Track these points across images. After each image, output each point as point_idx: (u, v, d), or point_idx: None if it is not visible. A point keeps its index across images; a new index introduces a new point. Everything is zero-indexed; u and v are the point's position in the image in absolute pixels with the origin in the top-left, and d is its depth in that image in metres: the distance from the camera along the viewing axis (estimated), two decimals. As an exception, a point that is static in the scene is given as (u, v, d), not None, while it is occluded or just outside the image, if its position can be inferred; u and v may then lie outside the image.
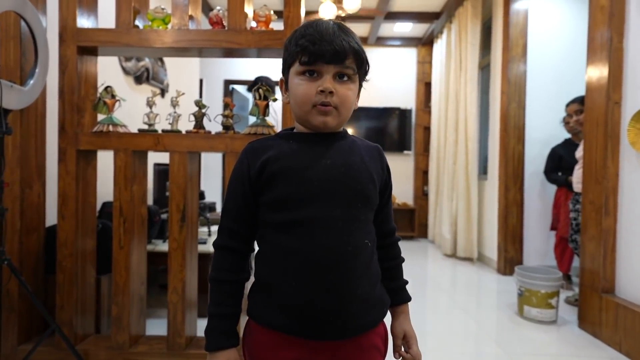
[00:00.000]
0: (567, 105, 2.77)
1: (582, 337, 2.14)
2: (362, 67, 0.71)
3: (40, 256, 1.86)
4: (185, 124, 1.92)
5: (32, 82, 1.65)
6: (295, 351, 0.67)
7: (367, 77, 0.75)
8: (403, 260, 0.84)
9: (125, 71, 2.68)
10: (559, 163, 3.00)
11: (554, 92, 3.28)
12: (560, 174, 3.00)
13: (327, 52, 0.65)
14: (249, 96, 5.11)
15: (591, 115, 2.22)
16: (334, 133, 0.73)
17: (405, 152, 5.29)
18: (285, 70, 0.73)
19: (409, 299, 0.82)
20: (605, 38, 2.11)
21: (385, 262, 0.78)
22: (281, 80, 0.76)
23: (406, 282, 0.83)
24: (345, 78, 0.69)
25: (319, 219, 0.66)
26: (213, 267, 0.73)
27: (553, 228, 3.14)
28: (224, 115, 1.77)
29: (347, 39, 0.67)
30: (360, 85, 0.75)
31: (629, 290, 1.98)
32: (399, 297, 0.80)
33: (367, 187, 0.71)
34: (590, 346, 2.04)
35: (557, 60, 3.37)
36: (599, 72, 2.16)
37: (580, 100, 2.66)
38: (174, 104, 1.82)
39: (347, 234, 0.67)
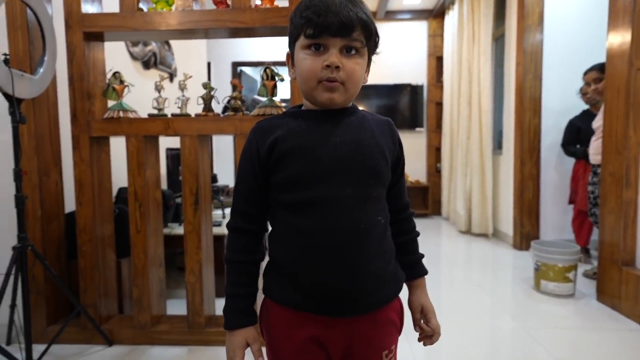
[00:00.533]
0: (585, 73, 2.66)
1: (601, 310, 2.12)
2: (370, 39, 0.67)
3: (62, 242, 1.92)
4: (194, 108, 1.92)
5: (42, 70, 1.66)
6: (311, 328, 0.67)
7: (377, 51, 0.72)
8: (418, 234, 0.82)
9: (133, 56, 2.67)
10: (577, 135, 2.91)
11: (572, 61, 3.15)
12: (578, 146, 2.91)
13: (333, 24, 0.62)
14: (258, 77, 5.09)
15: (612, 83, 2.14)
16: (342, 109, 0.71)
17: (417, 129, 5.21)
18: (291, 44, 0.70)
19: (425, 272, 0.81)
20: (628, 0, 2.00)
21: (400, 237, 0.77)
22: (287, 54, 0.73)
23: (422, 256, 0.82)
24: (353, 52, 0.65)
25: (330, 198, 0.65)
26: (227, 248, 0.73)
27: (571, 202, 3.08)
28: (232, 97, 1.76)
29: (354, 9, 0.63)
30: (370, 59, 0.71)
31: (650, 262, 1.94)
32: (415, 271, 0.80)
33: (378, 164, 0.69)
34: (609, 319, 2.02)
35: (575, 27, 3.22)
36: (621, 37, 2.06)
37: (599, 68, 2.55)
38: (182, 87, 1.81)
39: (359, 212, 0.66)
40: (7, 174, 1.70)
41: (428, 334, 0.78)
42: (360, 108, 0.76)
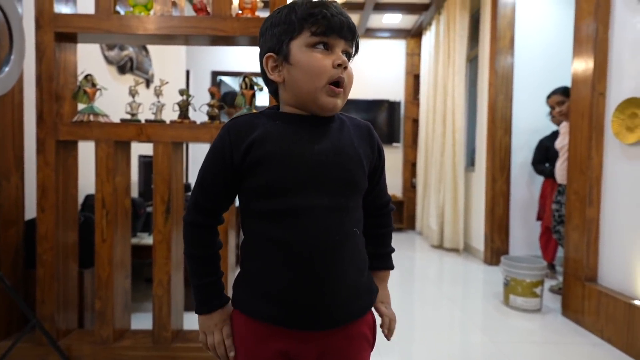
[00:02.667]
0: (549, 97, 2.79)
1: (566, 325, 2.18)
2: (357, 49, 0.69)
3: (20, 250, 1.82)
4: (170, 114, 1.87)
5: (7, 69, 1.58)
6: (282, 342, 0.65)
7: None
8: (393, 229, 0.82)
9: (108, 60, 2.61)
10: (546, 154, 3.03)
11: (541, 83, 3.30)
12: (547, 165, 3.03)
13: (343, 24, 0.62)
14: (237, 87, 5.07)
15: (577, 107, 2.24)
16: (323, 116, 0.68)
17: (394, 144, 5.29)
18: (283, 44, 0.64)
19: (391, 267, 0.81)
20: (591, 29, 2.12)
21: (376, 229, 0.77)
22: (268, 57, 0.66)
23: (392, 250, 0.82)
24: (350, 57, 0.67)
25: (305, 208, 0.63)
26: (186, 242, 0.70)
27: (539, 218, 3.18)
28: (209, 105, 1.73)
29: (349, 18, 0.65)
30: None
31: (611, 278, 2.01)
32: (382, 262, 0.79)
33: (356, 174, 0.67)
34: (573, 333, 2.07)
35: (544, 51, 3.39)
36: (585, 63, 2.17)
37: (561, 92, 2.68)
38: (158, 93, 1.78)
39: (335, 223, 0.64)
40: (-38, 176, 1.61)
41: (385, 322, 0.78)
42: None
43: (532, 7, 3.41)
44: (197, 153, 4.81)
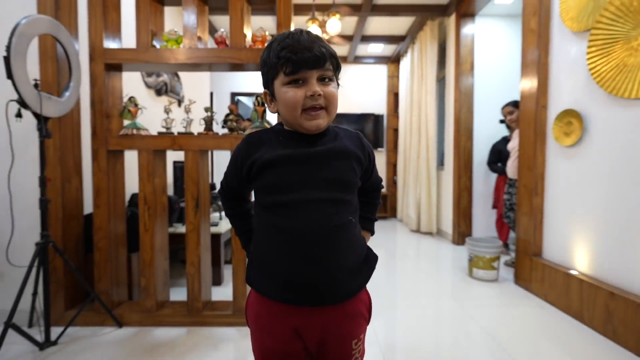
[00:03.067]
0: (502, 107, 2.80)
1: (517, 291, 2.19)
2: (338, 69, 0.65)
3: (80, 238, 1.83)
4: (197, 128, 1.89)
5: (67, 94, 1.60)
6: (294, 319, 0.63)
7: (339, 81, 0.68)
8: (380, 203, 0.81)
9: (147, 85, 2.61)
10: (498, 156, 3.03)
11: (496, 99, 3.30)
12: (499, 164, 3.03)
13: (308, 59, 0.59)
14: (251, 105, 5.05)
15: (524, 117, 2.24)
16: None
17: (379, 149, 5.30)
18: (269, 82, 0.64)
19: (372, 230, 0.79)
20: (534, 55, 2.12)
21: (365, 199, 0.76)
22: (265, 92, 0.68)
23: (375, 218, 0.80)
24: (327, 80, 0.62)
25: (301, 202, 0.61)
26: (223, 207, 0.79)
27: (494, 207, 3.19)
28: (229, 120, 1.74)
29: (322, 45, 0.61)
30: (338, 84, 0.67)
31: (553, 254, 2.03)
32: (366, 224, 0.77)
33: (347, 174, 0.65)
34: (524, 297, 2.08)
35: (497, 73, 3.39)
36: (530, 83, 2.17)
37: (512, 104, 2.69)
38: (187, 110, 1.78)
39: (329, 213, 0.61)
40: (33, 180, 1.62)
41: None
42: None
43: (488, 37, 3.41)
44: (220, 159, 4.82)
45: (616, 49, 1.59)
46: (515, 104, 2.65)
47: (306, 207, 0.61)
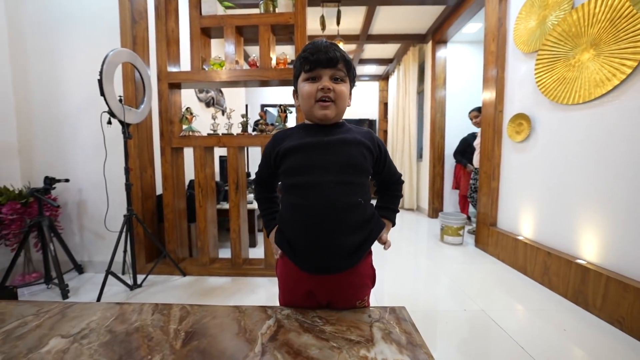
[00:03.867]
0: (470, 112, 2.74)
1: (478, 252, 2.18)
2: (350, 71, 0.60)
3: (154, 212, 1.89)
4: (236, 130, 1.92)
5: (142, 106, 1.65)
6: (308, 283, 0.59)
7: (355, 84, 0.64)
8: (401, 195, 0.71)
9: (199, 99, 2.64)
10: (465, 146, 2.95)
11: (464, 106, 3.24)
12: (461, 156, 2.96)
13: (323, 59, 0.57)
14: (275, 113, 5.04)
15: (485, 120, 2.21)
16: (334, 124, 0.62)
17: (372, 147, 5.25)
18: (295, 81, 0.63)
19: (393, 221, 0.69)
20: (493, 72, 2.07)
21: (387, 192, 0.69)
22: (293, 91, 0.66)
23: (396, 210, 0.70)
24: (339, 80, 0.59)
25: (314, 182, 0.56)
26: (254, 192, 0.71)
27: (455, 188, 3.16)
28: (259, 123, 1.77)
29: (337, 50, 0.58)
30: (351, 87, 0.62)
31: (505, 223, 2.02)
32: (387, 214, 0.68)
33: (356, 157, 0.59)
34: (482, 257, 2.08)
35: (465, 86, 3.31)
36: (490, 93, 2.13)
37: (477, 109, 2.63)
38: (228, 117, 1.81)
39: (338, 194, 0.56)
40: (121, 170, 1.69)
41: (382, 243, 0.68)
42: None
43: (457, 59, 3.31)
44: (253, 153, 4.87)
45: (558, 65, 1.55)
46: (479, 109, 2.60)
47: (319, 187, 0.56)
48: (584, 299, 1.36)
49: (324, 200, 0.55)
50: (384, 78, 5.08)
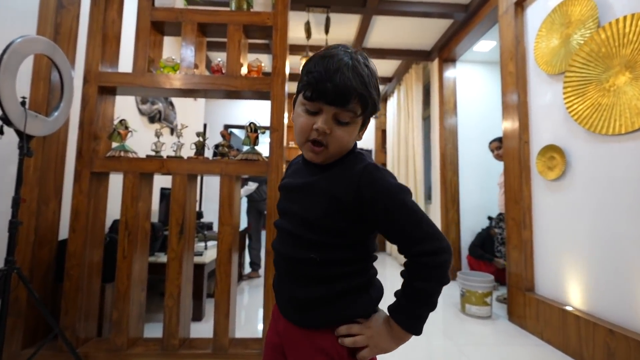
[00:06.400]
0: (490, 142, 2.86)
1: (512, 329, 2.08)
2: (366, 110, 0.56)
3: (51, 266, 1.67)
4: (188, 152, 1.83)
5: (56, 114, 1.54)
6: (278, 323, 0.66)
7: (376, 115, 0.65)
8: (413, 285, 0.56)
9: (141, 112, 2.59)
10: (486, 239, 3.04)
11: (479, 135, 3.42)
12: (479, 249, 3.04)
13: (329, 92, 0.52)
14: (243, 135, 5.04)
15: (508, 153, 2.29)
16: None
17: (367, 183, 5.31)
18: (297, 93, 0.60)
19: (402, 323, 0.58)
20: (514, 96, 2.22)
21: (405, 270, 0.59)
22: (294, 96, 0.62)
23: (401, 301, 0.58)
24: (344, 122, 0.55)
25: (282, 228, 0.65)
26: None
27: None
28: (220, 145, 1.70)
29: (354, 79, 0.52)
30: (365, 123, 0.60)
31: (546, 288, 1.96)
32: (393, 309, 0.59)
33: (311, 212, 0.58)
34: (519, 336, 1.98)
35: (480, 112, 3.54)
36: (512, 121, 2.25)
37: (498, 139, 2.76)
38: (179, 134, 1.74)
39: (294, 246, 0.61)
40: (6, 200, 1.50)
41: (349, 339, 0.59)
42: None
43: (470, 79, 3.60)
44: (209, 189, 4.70)
45: (590, 89, 1.68)
46: (500, 140, 2.73)
47: (283, 235, 0.64)
48: (667, 399, 1.25)
49: (283, 249, 0.63)
50: (382, 99, 5.38)
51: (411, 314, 0.56)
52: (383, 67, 4.40)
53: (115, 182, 1.90)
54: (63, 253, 1.65)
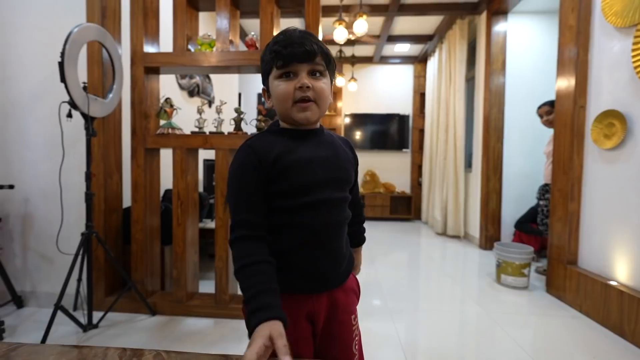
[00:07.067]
0: (539, 107, 2.66)
1: (549, 300, 2.09)
2: (330, 65, 0.66)
3: (120, 230, 1.94)
4: (227, 127, 1.95)
5: (111, 95, 1.71)
6: (307, 306, 0.65)
7: (335, 76, 0.71)
8: (363, 219, 0.85)
9: (181, 87, 2.73)
10: (533, 215, 2.89)
11: (528, 99, 3.17)
12: (526, 224, 2.91)
13: (298, 53, 0.61)
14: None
15: (560, 118, 2.14)
16: (314, 130, 0.68)
17: (404, 150, 5.22)
18: (265, 79, 0.67)
19: (362, 241, 0.87)
20: (572, 53, 2.02)
21: (353, 221, 0.75)
22: (263, 90, 0.70)
23: (363, 230, 0.86)
24: (318, 74, 0.63)
25: (324, 200, 0.64)
26: (235, 260, 0.59)
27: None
28: (257, 119, 1.79)
29: (314, 41, 0.63)
30: (332, 83, 0.69)
31: (589, 262, 1.91)
32: (357, 241, 0.84)
33: (350, 175, 0.71)
34: (556, 307, 1.99)
35: (530, 72, 3.24)
36: (567, 82, 2.07)
37: (549, 104, 2.56)
38: (218, 111, 1.85)
39: (342, 210, 0.68)
40: (79, 176, 1.74)
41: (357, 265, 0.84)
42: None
43: (521, 35, 3.27)
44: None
45: (666, 45, 1.49)
46: (552, 104, 2.53)
47: (327, 205, 0.65)
48: None
49: (333, 217, 0.66)
50: (421, 60, 5.09)
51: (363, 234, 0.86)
52: (423, 24, 4.11)
53: (165, 156, 2.10)
54: (127, 219, 1.92)
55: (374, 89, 5.20)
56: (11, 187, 1.75)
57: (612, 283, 1.71)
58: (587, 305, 1.86)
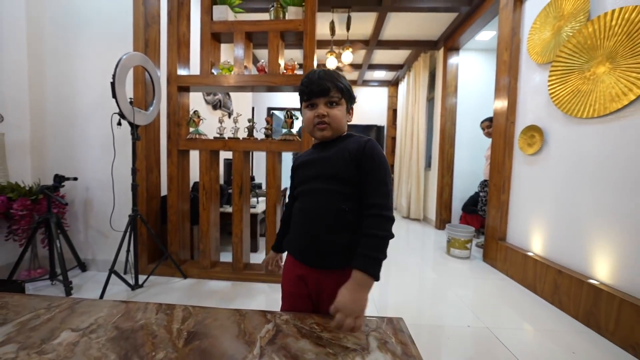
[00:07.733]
0: (481, 122, 2.74)
1: (485, 267, 2.17)
2: (344, 94, 0.69)
3: (158, 213, 1.96)
4: (242, 134, 1.97)
5: (151, 108, 1.73)
6: (299, 270, 0.69)
7: (355, 101, 0.72)
8: (374, 234, 0.60)
9: (207, 102, 2.73)
10: (475, 203, 2.96)
11: (474, 114, 3.25)
12: (472, 207, 2.96)
13: (316, 90, 0.67)
14: (282, 117, 5.10)
15: (496, 130, 2.22)
16: (334, 140, 0.71)
17: (380, 153, 5.27)
18: (301, 107, 0.74)
19: (361, 267, 0.58)
20: (506, 81, 2.09)
21: (362, 231, 0.61)
22: (301, 110, 0.77)
23: (363, 252, 0.59)
24: (334, 104, 0.68)
25: (311, 189, 0.68)
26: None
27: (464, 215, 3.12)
28: (265, 128, 1.83)
29: (329, 79, 0.67)
30: (349, 106, 0.71)
31: (514, 238, 2.01)
32: (355, 260, 0.60)
33: (339, 170, 0.65)
34: (490, 272, 2.07)
35: (476, 95, 3.32)
36: (502, 103, 2.14)
37: (489, 119, 2.64)
38: (235, 121, 1.88)
39: (328, 200, 0.64)
40: (128, 170, 1.76)
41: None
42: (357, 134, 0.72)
43: (469, 66, 3.34)
44: (260, 158, 4.95)
45: (572, 78, 1.57)
46: (491, 120, 2.61)
47: (312, 194, 0.67)
48: (595, 321, 1.34)
49: (315, 205, 0.66)
50: (394, 84, 5.13)
51: (369, 260, 0.59)
52: (395, 56, 4.15)
53: (193, 156, 2.12)
54: (164, 205, 1.94)
55: (357, 105, 5.24)
56: (75, 179, 1.77)
57: (530, 254, 1.81)
58: (511, 270, 1.95)
